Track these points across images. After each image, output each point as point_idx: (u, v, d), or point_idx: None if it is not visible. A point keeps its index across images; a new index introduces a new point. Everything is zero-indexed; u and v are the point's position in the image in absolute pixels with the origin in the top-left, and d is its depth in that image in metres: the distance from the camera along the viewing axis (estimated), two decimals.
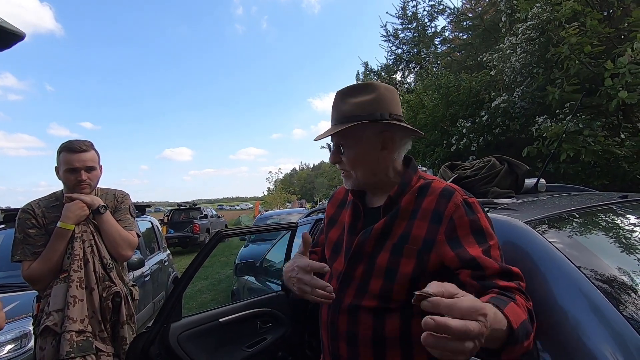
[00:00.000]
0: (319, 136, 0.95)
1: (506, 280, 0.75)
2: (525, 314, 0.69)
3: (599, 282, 0.90)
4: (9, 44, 0.58)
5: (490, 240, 0.81)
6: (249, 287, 3.67)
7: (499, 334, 0.61)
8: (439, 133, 6.05)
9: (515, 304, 0.68)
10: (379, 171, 0.94)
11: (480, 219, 0.83)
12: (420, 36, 10.59)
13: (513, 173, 1.59)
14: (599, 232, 1.26)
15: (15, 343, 2.19)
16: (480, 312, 0.53)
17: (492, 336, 0.59)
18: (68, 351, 1.47)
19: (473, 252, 0.78)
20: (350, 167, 0.94)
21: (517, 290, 0.74)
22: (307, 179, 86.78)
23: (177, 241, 12.25)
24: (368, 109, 0.89)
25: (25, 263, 1.60)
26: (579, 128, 3.73)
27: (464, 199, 0.85)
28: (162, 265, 4.66)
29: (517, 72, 4.81)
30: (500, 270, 0.76)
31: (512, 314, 0.64)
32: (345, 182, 0.98)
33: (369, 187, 0.98)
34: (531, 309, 0.73)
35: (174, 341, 1.51)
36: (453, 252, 0.80)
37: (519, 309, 0.68)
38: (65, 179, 1.68)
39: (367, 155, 0.92)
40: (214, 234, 1.61)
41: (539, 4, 4.19)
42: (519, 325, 0.64)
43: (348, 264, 0.92)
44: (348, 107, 0.90)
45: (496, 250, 0.80)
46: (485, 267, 0.76)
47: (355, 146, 0.91)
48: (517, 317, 0.65)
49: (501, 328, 0.61)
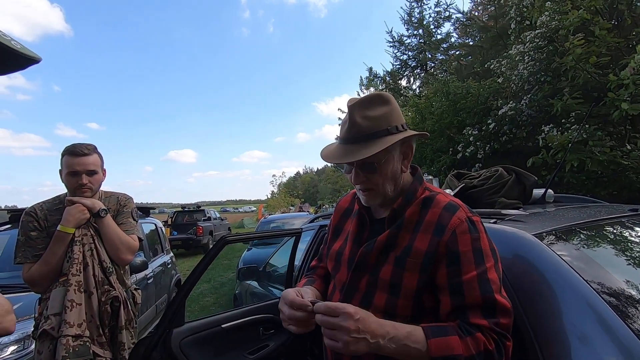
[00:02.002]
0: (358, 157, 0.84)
1: (483, 316, 0.76)
2: (466, 350, 0.72)
3: (607, 296, 0.89)
4: (25, 66, 0.61)
5: (488, 263, 0.81)
6: (251, 291, 3.65)
7: (415, 352, 0.73)
8: (446, 140, 6.03)
9: (460, 339, 0.73)
10: (399, 182, 0.93)
11: (481, 239, 0.83)
12: (426, 42, 10.59)
13: (521, 183, 1.58)
14: (608, 245, 1.24)
15: (19, 344, 2.19)
16: (343, 310, 0.72)
17: (408, 353, 0.73)
18: (64, 356, 1.47)
19: (465, 276, 0.79)
20: (383, 183, 0.89)
21: (487, 329, 0.75)
22: (311, 183, 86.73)
23: (181, 243, 12.28)
24: (387, 122, 0.87)
25: (26, 265, 1.60)
26: (584, 138, 3.71)
27: (468, 216, 0.85)
28: (165, 268, 4.66)
29: (525, 80, 4.78)
30: (481, 301, 0.77)
31: (439, 344, 0.73)
32: (369, 199, 0.92)
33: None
34: (495, 350, 0.74)
35: (176, 347, 1.50)
36: (447, 268, 0.81)
37: (455, 344, 0.73)
38: (67, 182, 1.68)
39: (396, 169, 0.91)
40: (219, 240, 1.61)
41: (547, 12, 4.17)
42: (439, 356, 0.72)
43: (352, 275, 0.91)
44: (368, 122, 0.85)
45: (493, 273, 0.80)
46: (466, 296, 0.78)
47: (389, 162, 0.88)
48: (442, 349, 0.72)
49: (417, 347, 0.73)
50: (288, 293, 0.87)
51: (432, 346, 0.73)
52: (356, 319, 0.72)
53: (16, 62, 0.59)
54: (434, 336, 0.74)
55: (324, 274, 1.10)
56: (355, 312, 0.73)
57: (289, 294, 0.86)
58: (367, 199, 0.93)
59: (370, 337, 0.72)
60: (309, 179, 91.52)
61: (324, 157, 0.91)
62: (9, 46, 0.56)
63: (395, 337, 0.74)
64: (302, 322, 0.82)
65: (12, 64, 0.60)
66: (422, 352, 0.73)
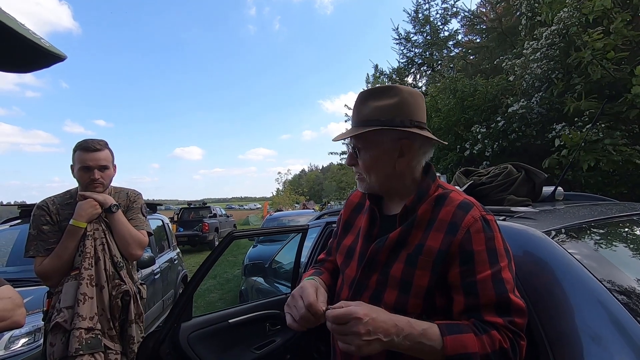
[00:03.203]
0: (338, 137, 0.95)
1: (497, 315, 0.75)
2: (482, 348, 0.71)
3: (619, 294, 0.88)
4: (51, 64, 0.62)
5: (502, 262, 0.80)
6: (257, 288, 3.67)
7: (429, 350, 0.72)
8: (453, 137, 5.98)
9: (475, 337, 0.73)
10: (394, 178, 0.92)
11: (495, 238, 0.82)
12: (433, 39, 10.50)
13: (530, 181, 1.56)
14: (620, 243, 1.23)
15: (29, 337, 2.23)
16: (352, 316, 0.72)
17: (422, 350, 0.73)
18: (77, 348, 1.49)
19: (479, 275, 0.78)
20: (364, 171, 0.93)
21: (502, 327, 0.74)
22: (316, 181, 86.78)
23: (187, 239, 12.35)
24: (388, 114, 0.87)
25: (38, 259, 1.62)
26: (600, 137, 3.64)
27: (482, 215, 0.84)
28: (172, 264, 4.70)
29: (537, 77, 4.71)
30: (496, 301, 0.76)
31: (454, 342, 0.72)
32: (359, 185, 0.97)
33: (383, 193, 0.97)
34: (510, 349, 0.73)
35: (184, 341, 1.51)
36: (460, 267, 0.80)
37: (471, 342, 0.72)
38: (79, 177, 1.70)
39: (382, 161, 0.90)
40: (226, 235, 1.62)
41: (566, 9, 4.09)
42: (455, 354, 0.71)
43: (362, 272, 0.90)
44: (368, 110, 0.89)
45: (507, 272, 0.79)
46: (481, 296, 0.77)
47: (371, 150, 0.90)
48: (458, 346, 0.71)
49: (432, 345, 0.72)
50: (309, 293, 0.84)
51: (447, 343, 0.72)
52: (365, 321, 0.72)
53: (44, 59, 0.60)
54: (449, 333, 0.73)
55: (333, 268, 1.10)
56: (364, 315, 0.72)
57: (310, 295, 0.83)
58: (358, 184, 0.98)
59: (383, 336, 0.72)
60: (314, 176, 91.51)
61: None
62: (39, 44, 0.57)
63: (410, 334, 0.73)
64: (308, 323, 0.82)
65: (40, 62, 0.61)
66: (437, 350, 0.72)
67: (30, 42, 0.55)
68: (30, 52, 0.58)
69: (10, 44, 0.55)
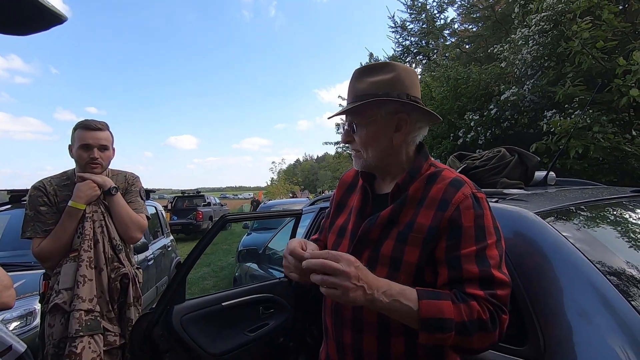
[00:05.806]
0: (334, 114, 0.95)
1: (478, 288, 0.75)
2: (458, 316, 0.72)
3: (608, 273, 0.89)
4: (49, 26, 0.59)
5: (489, 240, 0.80)
6: (251, 273, 3.68)
7: (406, 310, 0.73)
8: (446, 125, 5.99)
9: (453, 304, 0.73)
10: (391, 153, 0.92)
11: (485, 215, 0.82)
12: (429, 27, 10.41)
13: (523, 164, 1.57)
14: (608, 225, 1.25)
15: (21, 320, 2.22)
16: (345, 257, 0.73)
17: (400, 310, 0.73)
18: (77, 329, 1.48)
19: (463, 250, 0.78)
20: (362, 146, 0.92)
21: (482, 299, 0.74)
22: (311, 170, 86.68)
23: (181, 228, 12.34)
24: (384, 88, 0.87)
25: (36, 240, 1.60)
26: (588, 123, 3.67)
27: (472, 192, 0.84)
28: (166, 250, 4.69)
29: (528, 64, 4.72)
30: (479, 275, 0.76)
31: (430, 305, 0.72)
32: (355, 162, 0.97)
33: (378, 170, 0.97)
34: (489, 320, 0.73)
35: (177, 323, 1.51)
36: (447, 242, 0.80)
37: (447, 308, 0.72)
38: (78, 156, 1.66)
39: (380, 135, 0.90)
40: (219, 218, 1.61)
41: None
42: (429, 317, 0.71)
43: (353, 249, 0.90)
44: (364, 85, 0.88)
45: (493, 250, 0.79)
46: (463, 270, 0.77)
47: (369, 125, 0.90)
48: (433, 310, 0.72)
49: (408, 305, 0.73)
50: (292, 242, 0.88)
51: (422, 306, 0.73)
52: (356, 266, 0.73)
53: (42, 20, 0.57)
54: (427, 298, 0.74)
55: (323, 247, 1.10)
56: (355, 260, 0.74)
57: (292, 243, 0.88)
58: (354, 162, 0.97)
59: (367, 288, 0.72)
60: (309, 166, 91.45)
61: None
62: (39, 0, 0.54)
63: (389, 291, 0.74)
64: (303, 271, 0.81)
65: (38, 21, 0.58)
66: (413, 311, 0.73)
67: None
68: (29, 9, 0.54)
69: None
